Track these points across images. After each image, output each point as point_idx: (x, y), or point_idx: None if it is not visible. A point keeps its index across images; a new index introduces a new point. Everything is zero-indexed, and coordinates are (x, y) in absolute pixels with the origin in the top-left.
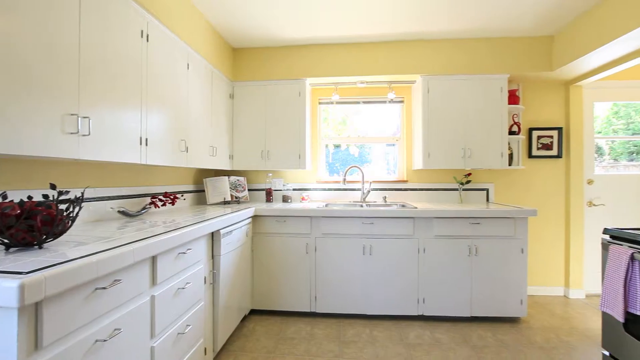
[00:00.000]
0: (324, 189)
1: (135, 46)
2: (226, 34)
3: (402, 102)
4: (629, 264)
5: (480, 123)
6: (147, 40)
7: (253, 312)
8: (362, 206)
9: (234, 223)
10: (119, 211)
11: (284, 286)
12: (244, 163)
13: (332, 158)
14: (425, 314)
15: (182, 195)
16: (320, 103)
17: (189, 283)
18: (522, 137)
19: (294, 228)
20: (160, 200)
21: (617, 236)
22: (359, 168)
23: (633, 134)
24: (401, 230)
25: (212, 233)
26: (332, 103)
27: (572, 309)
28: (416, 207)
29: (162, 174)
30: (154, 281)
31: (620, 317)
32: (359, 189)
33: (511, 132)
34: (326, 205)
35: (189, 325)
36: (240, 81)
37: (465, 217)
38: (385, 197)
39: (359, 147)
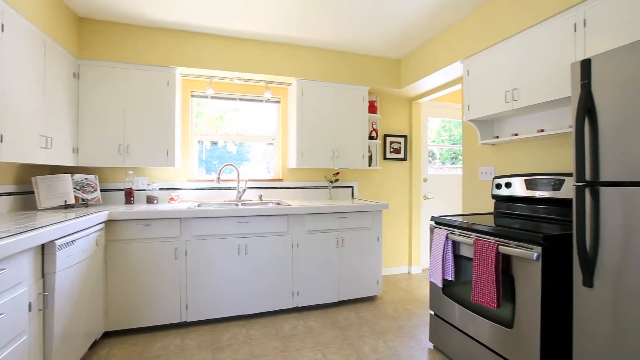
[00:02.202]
0: (197, 189)
1: None
2: None
3: (278, 102)
4: (445, 242)
5: (347, 127)
6: None
7: (108, 334)
8: (237, 205)
9: (77, 231)
10: None
11: (149, 298)
12: (94, 158)
13: (209, 155)
14: (300, 305)
15: None
16: (193, 96)
17: (1, 314)
18: (379, 142)
19: (161, 232)
20: None
21: (439, 222)
22: (235, 166)
23: (453, 144)
24: (276, 228)
25: (43, 245)
26: (206, 97)
27: (413, 282)
28: (290, 205)
29: None
30: None
31: (439, 284)
32: (234, 188)
33: (371, 137)
34: (199, 205)
35: None
36: (89, 59)
37: (333, 212)
38: (261, 195)
39: (238, 145)
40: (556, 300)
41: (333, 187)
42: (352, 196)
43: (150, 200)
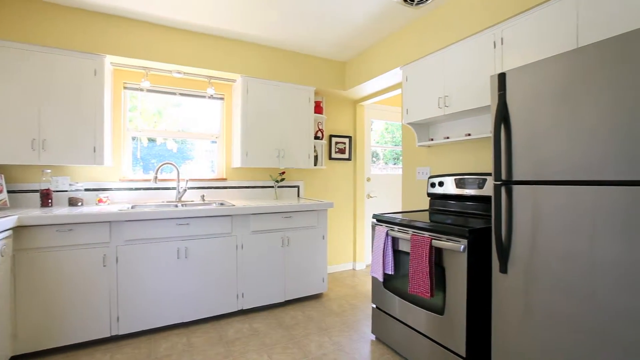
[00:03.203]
0: (131, 189)
1: None
2: None
3: (222, 99)
4: (385, 238)
5: (292, 127)
6: None
7: (17, 358)
8: (177, 206)
9: None
10: None
11: (71, 313)
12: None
13: (147, 153)
14: (245, 307)
15: None
16: (126, 88)
17: None
18: (325, 142)
19: (86, 237)
20: None
21: (379, 219)
22: (174, 165)
23: (395, 145)
24: (219, 229)
25: None
26: (142, 90)
27: (358, 278)
28: (234, 205)
29: None
30: None
31: (380, 278)
32: (174, 188)
33: (316, 137)
34: (132, 207)
35: None
36: None
37: (279, 212)
38: (203, 195)
39: (180, 143)
40: (479, 287)
41: (279, 187)
42: (298, 195)
43: (73, 202)
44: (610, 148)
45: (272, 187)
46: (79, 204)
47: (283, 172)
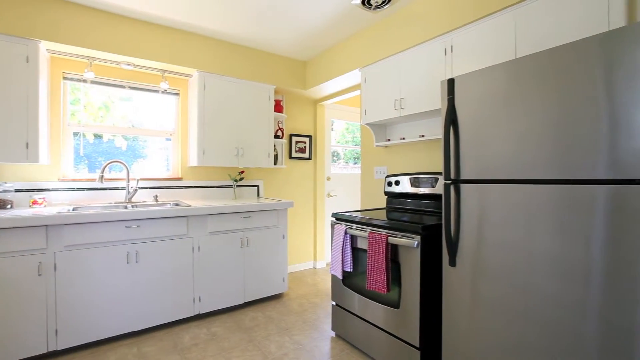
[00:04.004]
0: (72, 189)
1: None
2: None
3: (177, 94)
4: (344, 236)
5: (252, 125)
6: None
7: None
8: (126, 207)
9: None
10: None
11: (0, 329)
12: None
13: (92, 151)
14: (202, 311)
15: None
16: (66, 78)
17: None
18: (285, 141)
19: (16, 244)
20: None
21: (339, 218)
22: (123, 164)
23: (355, 145)
24: (174, 231)
25: None
26: (85, 81)
27: (318, 276)
28: (190, 205)
29: None
30: None
31: (340, 276)
32: (123, 188)
33: (276, 136)
34: (74, 209)
35: None
36: None
37: (238, 212)
38: (156, 196)
39: (131, 140)
40: (432, 280)
41: (238, 186)
42: (258, 195)
43: (1, 204)
44: (541, 149)
45: (231, 186)
46: (8, 206)
47: (242, 172)
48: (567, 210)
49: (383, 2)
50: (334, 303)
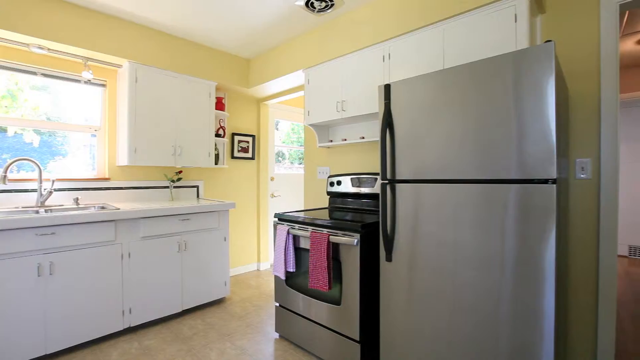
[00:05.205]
0: None
1: None
2: None
3: (104, 86)
4: (286, 237)
5: (191, 123)
6: None
7: None
8: (38, 212)
9: None
10: None
11: None
12: None
13: None
14: (133, 324)
15: None
16: None
17: None
18: (227, 140)
19: None
20: None
21: (281, 218)
22: (35, 162)
23: (300, 145)
24: (98, 237)
25: None
26: None
27: (262, 278)
28: (119, 208)
29: None
30: None
31: (283, 276)
32: (34, 190)
33: (217, 135)
34: None
35: None
36: None
37: (174, 214)
38: (77, 198)
39: (47, 135)
40: (371, 276)
41: (175, 187)
42: (198, 196)
43: None
44: (463, 152)
45: (168, 187)
46: None
47: (180, 172)
48: (485, 206)
49: (326, 7)
50: (277, 304)
